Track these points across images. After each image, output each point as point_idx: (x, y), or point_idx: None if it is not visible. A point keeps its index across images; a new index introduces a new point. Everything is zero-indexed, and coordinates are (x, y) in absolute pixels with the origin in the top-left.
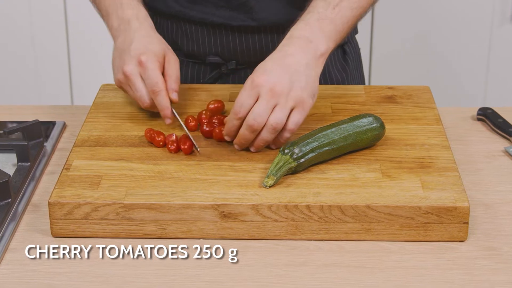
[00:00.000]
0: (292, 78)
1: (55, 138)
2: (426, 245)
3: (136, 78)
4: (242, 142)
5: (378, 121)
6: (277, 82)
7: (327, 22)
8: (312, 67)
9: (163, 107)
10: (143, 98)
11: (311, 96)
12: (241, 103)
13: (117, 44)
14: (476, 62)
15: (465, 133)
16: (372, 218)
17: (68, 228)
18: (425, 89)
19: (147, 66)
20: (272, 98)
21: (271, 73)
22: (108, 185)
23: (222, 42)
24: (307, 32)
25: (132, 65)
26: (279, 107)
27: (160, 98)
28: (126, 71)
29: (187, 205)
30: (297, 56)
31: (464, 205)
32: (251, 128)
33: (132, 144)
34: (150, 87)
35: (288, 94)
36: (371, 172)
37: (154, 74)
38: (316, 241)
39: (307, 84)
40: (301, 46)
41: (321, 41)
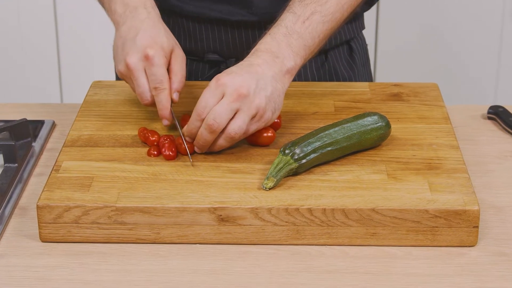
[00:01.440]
0: (259, 84)
1: (44, 138)
2: (434, 251)
3: (140, 73)
4: (201, 144)
5: (384, 120)
6: (243, 84)
7: (295, 37)
8: (278, 80)
9: (163, 107)
10: (144, 95)
11: (272, 110)
12: (205, 103)
13: (120, 32)
14: (487, 58)
15: (475, 132)
16: (377, 222)
17: (57, 232)
18: (433, 86)
19: (153, 61)
20: (236, 100)
21: (237, 75)
22: (100, 187)
23: (221, 38)
24: (273, 46)
25: (136, 58)
26: (241, 114)
27: (161, 97)
28: (130, 64)
29: (182, 209)
30: (264, 67)
31: (474, 209)
32: (210, 128)
33: (125, 144)
34: (154, 84)
35: (253, 100)
36: (376, 174)
37: (160, 72)
38: (319, 246)
39: (272, 95)
40: (267, 60)
41: (288, 57)
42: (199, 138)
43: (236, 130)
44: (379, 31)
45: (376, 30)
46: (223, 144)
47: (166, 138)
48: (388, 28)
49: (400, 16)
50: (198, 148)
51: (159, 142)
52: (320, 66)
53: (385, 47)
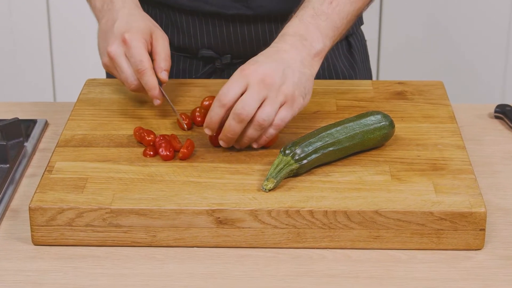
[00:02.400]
0: (285, 72)
1: (36, 137)
2: (439, 254)
3: (121, 58)
4: (229, 137)
5: (387, 119)
6: (269, 74)
7: (323, 18)
8: (306, 65)
9: (150, 87)
10: (129, 79)
11: (302, 96)
12: (226, 90)
13: (101, 26)
14: (494, 55)
15: (482, 132)
16: (380, 224)
17: (50, 235)
18: (438, 84)
19: (131, 44)
20: (263, 89)
21: (263, 64)
22: (94, 188)
23: (215, 33)
24: (301, 29)
25: (115, 45)
26: (268, 101)
27: (146, 78)
28: (110, 52)
29: (179, 211)
30: (291, 53)
31: (481, 211)
32: (239, 118)
33: (120, 144)
34: (135, 67)
35: (280, 88)
36: (379, 175)
37: (138, 52)
38: (320, 250)
39: (300, 81)
40: (295, 43)
41: (316, 39)
42: (227, 130)
43: (264, 117)
44: (382, 27)
45: (380, 26)
46: (253, 134)
47: (162, 138)
48: (392, 24)
49: (404, 11)
50: (225, 141)
51: (155, 142)
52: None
53: (388, 44)
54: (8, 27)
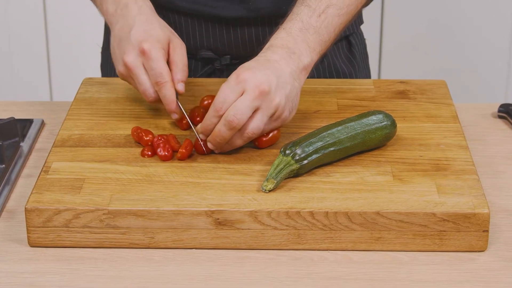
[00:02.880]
0: (279, 81)
1: (33, 137)
2: (442, 256)
3: (139, 70)
4: (217, 141)
5: (389, 118)
6: (264, 81)
7: (311, 32)
8: (295, 78)
9: (168, 101)
10: (147, 92)
11: (290, 110)
12: (223, 99)
13: (115, 32)
14: (497, 53)
15: (485, 132)
16: (382, 226)
17: (46, 236)
18: (441, 83)
19: (150, 55)
20: (258, 97)
21: (257, 71)
22: (91, 189)
23: (215, 35)
24: (289, 42)
25: (133, 55)
26: (259, 113)
27: (165, 91)
28: (128, 62)
29: (178, 212)
30: (281, 63)
31: (484, 212)
32: (230, 125)
33: (118, 144)
34: (154, 79)
35: (273, 98)
36: (381, 175)
37: (159, 65)
38: (321, 251)
39: (291, 94)
40: (284, 56)
41: (304, 53)
42: (216, 135)
43: (254, 131)
44: (384, 25)
45: (381, 25)
46: (238, 143)
47: (160, 137)
48: (394, 22)
49: (406, 9)
50: (214, 145)
51: (153, 142)
52: (319, 62)
53: (390, 42)
54: (4, 25)
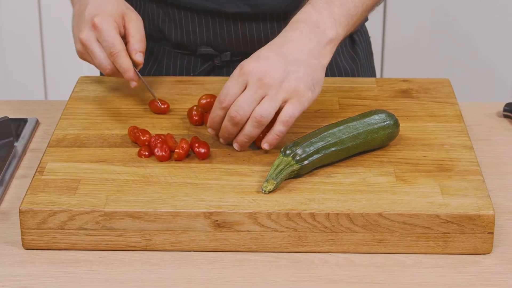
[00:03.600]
0: (288, 67)
1: (27, 137)
2: (446, 258)
3: (93, 43)
4: (226, 136)
5: (392, 118)
6: (268, 72)
7: (337, 5)
8: (316, 55)
9: (124, 69)
10: (103, 64)
11: (310, 88)
12: (226, 92)
13: (74, 12)
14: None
15: (490, 131)
16: (384, 227)
17: (41, 239)
18: (445, 82)
19: (101, 28)
20: (260, 88)
21: (264, 60)
22: (87, 190)
23: (215, 30)
24: (314, 16)
25: (86, 30)
26: (267, 98)
27: (120, 61)
28: (82, 38)
29: (175, 213)
30: (299, 42)
31: (489, 213)
32: (233, 121)
33: (114, 144)
34: (108, 50)
35: (280, 85)
36: (383, 176)
37: (110, 35)
38: (322, 254)
39: (306, 74)
40: (306, 31)
41: (330, 26)
42: (223, 131)
43: (262, 113)
44: (386, 21)
45: (384, 21)
46: (251, 132)
47: (158, 137)
48: (396, 18)
49: (409, 6)
50: (224, 139)
51: (150, 141)
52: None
53: (393, 39)
54: None
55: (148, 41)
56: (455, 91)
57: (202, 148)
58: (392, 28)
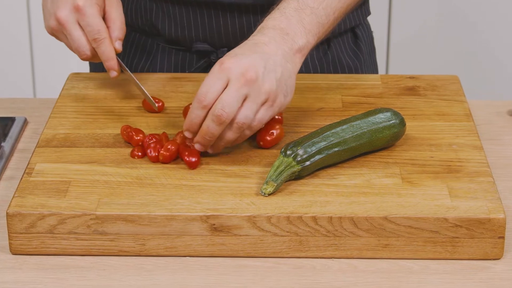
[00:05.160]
0: (267, 66)
1: (15, 137)
2: (454, 264)
3: (73, 26)
4: (206, 139)
5: (398, 117)
6: (250, 67)
7: (307, 13)
8: (288, 60)
9: (107, 58)
10: (82, 48)
11: (284, 94)
12: (206, 89)
13: None
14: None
15: (501, 131)
16: (390, 232)
17: (30, 243)
18: (453, 79)
19: (85, 12)
20: (244, 85)
21: (243, 56)
22: (77, 193)
23: (211, 25)
24: (282, 22)
25: (67, 10)
26: (249, 101)
27: (104, 48)
28: (61, 18)
29: (170, 217)
30: (271, 46)
31: (500, 217)
32: (219, 120)
33: (106, 144)
34: (92, 36)
35: (262, 84)
36: (389, 178)
37: (95, 21)
38: (324, 259)
39: (282, 77)
40: (275, 37)
41: (299, 34)
42: (204, 132)
43: (243, 120)
44: (392, 16)
45: (389, 15)
46: (230, 137)
47: (152, 137)
48: (402, 13)
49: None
50: (202, 144)
51: (144, 141)
52: (322, 55)
53: (398, 34)
54: None
55: (140, 36)
56: (464, 88)
57: (193, 157)
58: (397, 23)
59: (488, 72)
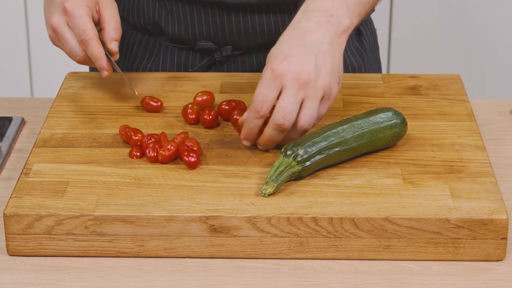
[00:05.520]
0: (318, 61)
1: (12, 137)
2: (456, 265)
3: (64, 29)
4: (269, 144)
5: (399, 116)
6: (302, 70)
7: None
8: (335, 46)
9: (96, 57)
10: (73, 50)
11: (337, 82)
12: (262, 98)
13: None
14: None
15: (503, 131)
16: (391, 233)
17: (27, 244)
18: (455, 78)
19: (72, 13)
20: (300, 90)
21: (293, 58)
22: (75, 193)
23: (215, 23)
24: (326, 3)
25: (57, 15)
26: (308, 102)
27: (91, 48)
28: (53, 23)
29: (169, 218)
30: (318, 33)
31: (502, 218)
32: (281, 128)
33: (104, 144)
34: (79, 37)
35: (316, 83)
36: (390, 178)
37: (81, 21)
38: (325, 261)
39: (333, 67)
40: (321, 21)
41: (343, 15)
42: (267, 139)
43: (308, 121)
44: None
45: (390, 13)
46: (295, 138)
47: (150, 137)
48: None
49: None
50: (263, 146)
51: (142, 141)
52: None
53: (400, 33)
54: None
55: (143, 35)
56: (466, 87)
57: (192, 157)
58: (399, 21)
59: (491, 71)
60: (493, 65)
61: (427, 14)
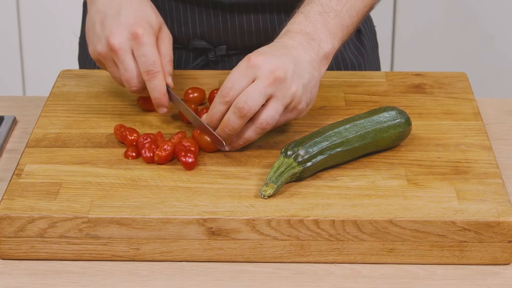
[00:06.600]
0: (296, 69)
1: (3, 136)
2: (462, 269)
3: (127, 55)
4: (226, 132)
5: (403, 115)
6: (280, 67)
7: (331, 16)
8: (315, 67)
9: (160, 94)
10: (133, 80)
11: (307, 101)
12: (231, 85)
13: (98, 6)
14: None
15: (510, 130)
16: (395, 236)
17: (19, 248)
18: (461, 76)
19: (143, 41)
20: (272, 84)
21: (272, 56)
22: (69, 195)
23: (209, 22)
24: (308, 27)
25: (122, 37)
26: (274, 102)
27: (156, 82)
28: (115, 45)
29: (166, 220)
30: (299, 50)
31: (510, 220)
32: (240, 112)
33: (99, 144)
34: (146, 68)
35: (289, 86)
36: (394, 179)
37: (152, 52)
38: (326, 264)
39: (309, 83)
40: (302, 42)
41: (325, 39)
42: (225, 125)
43: (268, 121)
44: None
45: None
46: (251, 137)
47: (146, 137)
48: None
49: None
50: (222, 137)
51: (138, 141)
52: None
53: (404, 30)
54: None
55: None
56: (472, 86)
57: (189, 158)
58: (403, 18)
59: (498, 69)
60: (499, 62)
61: (431, 12)
